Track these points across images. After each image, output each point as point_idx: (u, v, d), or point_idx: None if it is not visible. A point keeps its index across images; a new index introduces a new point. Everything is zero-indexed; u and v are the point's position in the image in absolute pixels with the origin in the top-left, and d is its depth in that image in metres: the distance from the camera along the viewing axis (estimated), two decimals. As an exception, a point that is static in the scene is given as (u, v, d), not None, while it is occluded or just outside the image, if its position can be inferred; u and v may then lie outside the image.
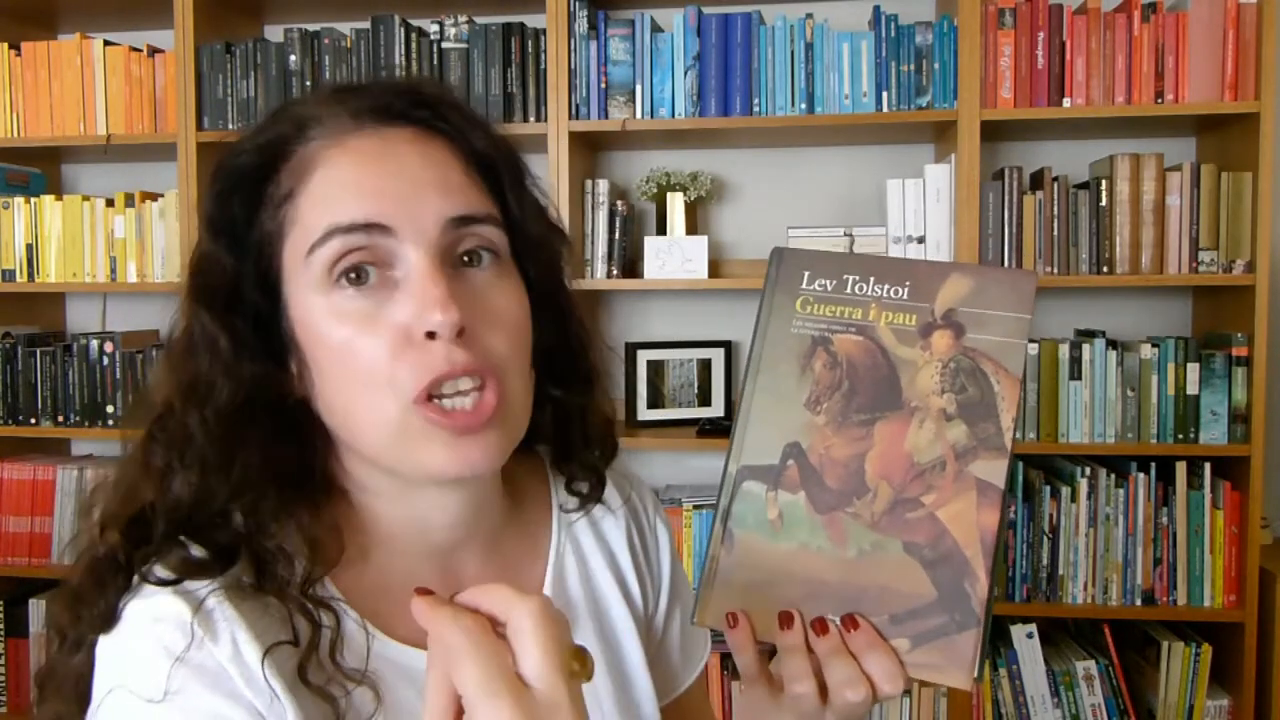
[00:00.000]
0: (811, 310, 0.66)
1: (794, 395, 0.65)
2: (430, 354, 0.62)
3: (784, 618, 0.62)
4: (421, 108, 0.68)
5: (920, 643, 0.61)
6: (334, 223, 0.63)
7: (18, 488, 2.64)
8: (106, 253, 2.58)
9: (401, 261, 0.63)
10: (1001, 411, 0.62)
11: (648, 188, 2.47)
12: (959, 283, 0.64)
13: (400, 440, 0.64)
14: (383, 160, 0.65)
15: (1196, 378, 2.22)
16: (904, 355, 0.64)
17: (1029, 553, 2.30)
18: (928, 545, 0.62)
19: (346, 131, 0.66)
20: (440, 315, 0.61)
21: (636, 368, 2.51)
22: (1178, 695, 2.25)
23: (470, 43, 2.40)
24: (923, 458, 0.63)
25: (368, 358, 0.62)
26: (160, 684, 0.60)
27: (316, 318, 0.64)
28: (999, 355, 0.63)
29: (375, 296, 0.63)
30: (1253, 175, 2.17)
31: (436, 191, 0.64)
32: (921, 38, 2.27)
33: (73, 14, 2.70)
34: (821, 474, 0.63)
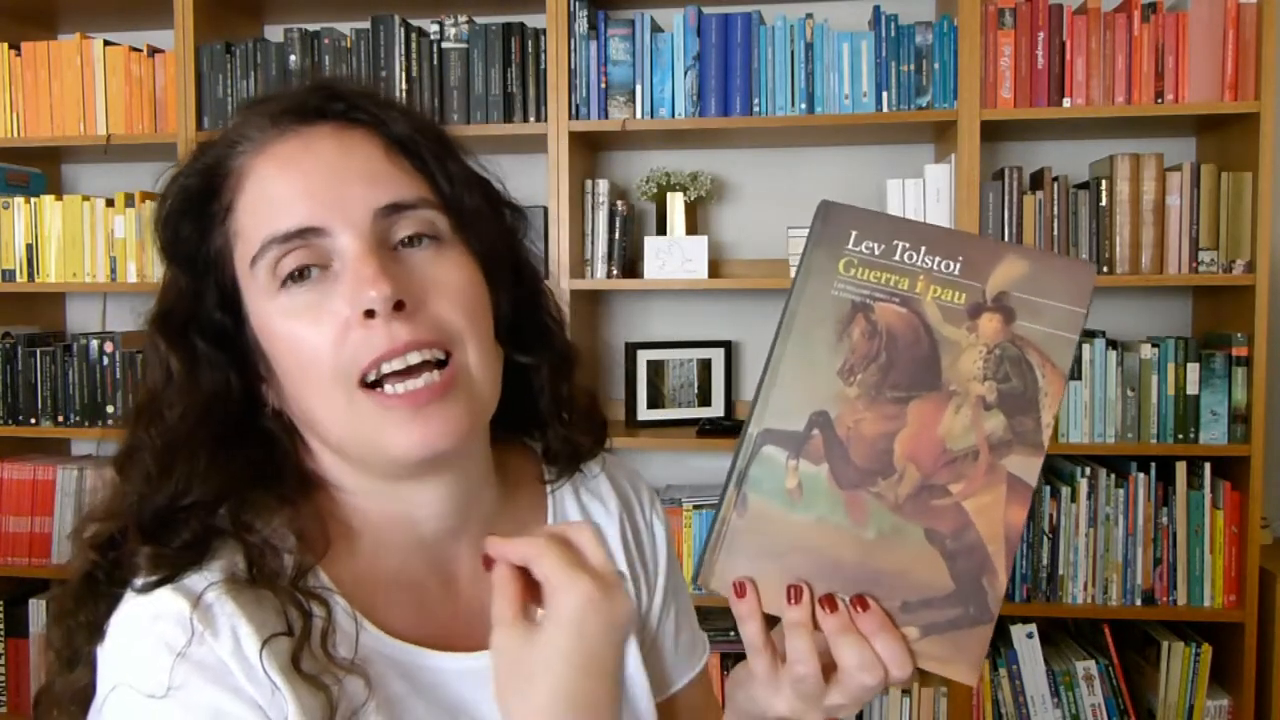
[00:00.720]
0: (855, 273, 0.62)
1: (827, 361, 0.61)
2: (372, 332, 0.63)
3: (792, 591, 0.60)
4: (336, 101, 0.69)
5: (930, 633, 0.59)
6: (269, 234, 0.65)
7: (18, 488, 2.63)
8: (106, 253, 2.58)
9: (337, 254, 0.65)
10: (1043, 408, 0.60)
11: (648, 188, 2.47)
12: (1015, 265, 0.61)
13: (358, 427, 0.65)
14: (304, 160, 0.66)
15: (1196, 378, 2.22)
16: (948, 334, 0.61)
17: (1029, 553, 2.29)
18: (950, 535, 0.59)
19: (269, 138, 0.68)
20: (372, 290, 0.62)
21: (636, 368, 2.51)
22: (1178, 695, 2.25)
23: (470, 43, 2.40)
24: (956, 444, 0.60)
25: (312, 346, 0.64)
26: (162, 680, 0.60)
27: (269, 320, 0.66)
28: (1047, 348, 0.60)
29: (318, 290, 0.65)
30: (1253, 175, 2.17)
31: (361, 182, 0.66)
32: (921, 38, 2.27)
33: (73, 14, 2.70)
34: (848, 448, 0.61)
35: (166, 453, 0.66)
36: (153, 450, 0.67)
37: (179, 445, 0.66)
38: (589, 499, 0.84)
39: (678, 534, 2.37)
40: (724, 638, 2.14)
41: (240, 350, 0.69)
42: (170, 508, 0.65)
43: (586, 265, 2.43)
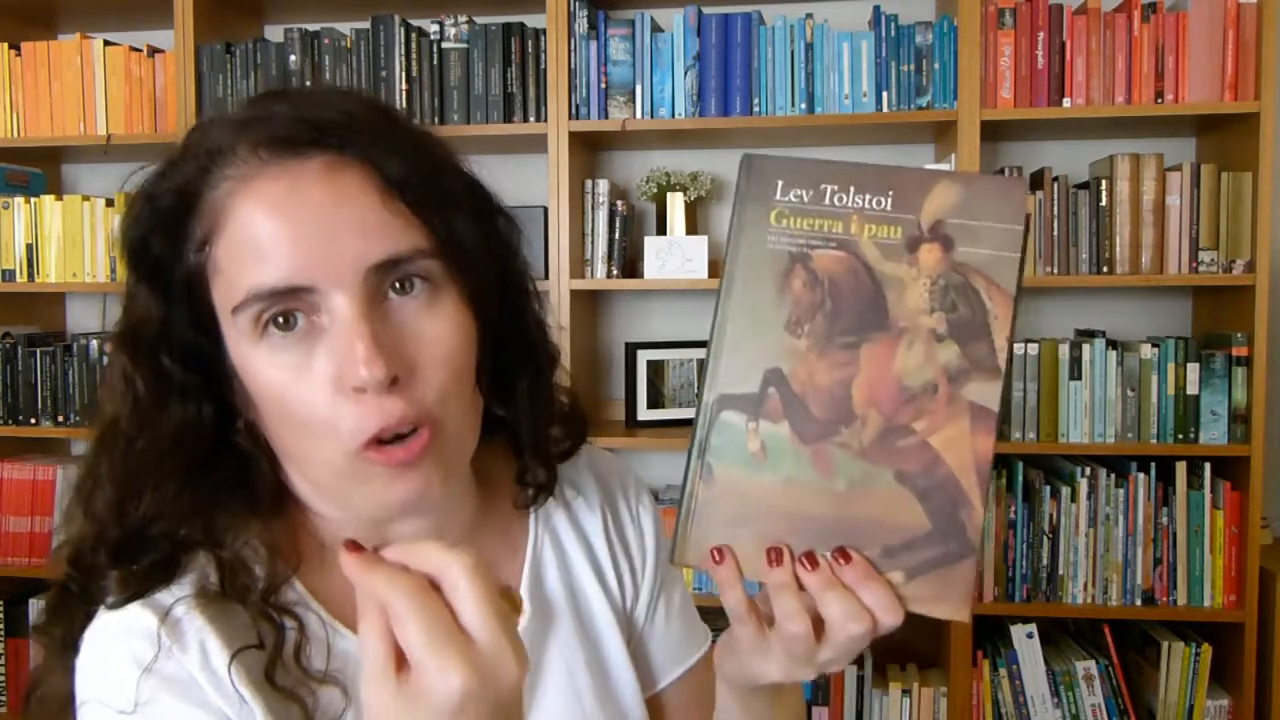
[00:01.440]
0: (787, 224, 0.61)
1: (772, 317, 0.60)
2: (364, 406, 0.60)
3: (772, 553, 0.59)
4: (327, 135, 0.62)
5: (915, 574, 0.58)
6: (254, 288, 0.60)
7: (18, 488, 2.63)
8: (106, 253, 2.58)
9: (326, 309, 0.61)
10: (995, 331, 0.59)
11: (648, 188, 2.47)
12: (946, 191, 0.60)
13: (343, 481, 0.64)
14: (291, 207, 0.60)
15: (1196, 378, 2.22)
16: (889, 272, 0.59)
17: (1029, 553, 2.29)
18: (921, 474, 0.58)
19: (252, 171, 0.62)
20: (365, 371, 0.59)
21: (636, 368, 2.51)
22: (1178, 695, 2.25)
23: (470, 43, 2.40)
24: (913, 381, 0.59)
25: (303, 407, 0.61)
26: (130, 695, 0.60)
27: (250, 363, 0.63)
28: (991, 270, 0.59)
29: (304, 343, 0.61)
30: (1253, 175, 2.17)
31: (354, 235, 0.61)
32: (921, 38, 2.27)
33: (73, 14, 2.70)
34: (806, 402, 0.59)
35: (132, 482, 0.64)
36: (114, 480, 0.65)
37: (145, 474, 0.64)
38: (573, 496, 0.83)
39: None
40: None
41: (213, 370, 0.66)
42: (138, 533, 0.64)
43: (586, 265, 2.43)
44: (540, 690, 0.75)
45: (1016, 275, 0.59)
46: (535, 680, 0.75)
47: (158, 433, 0.64)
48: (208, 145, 0.64)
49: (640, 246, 2.43)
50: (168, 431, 0.64)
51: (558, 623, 0.78)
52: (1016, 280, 0.59)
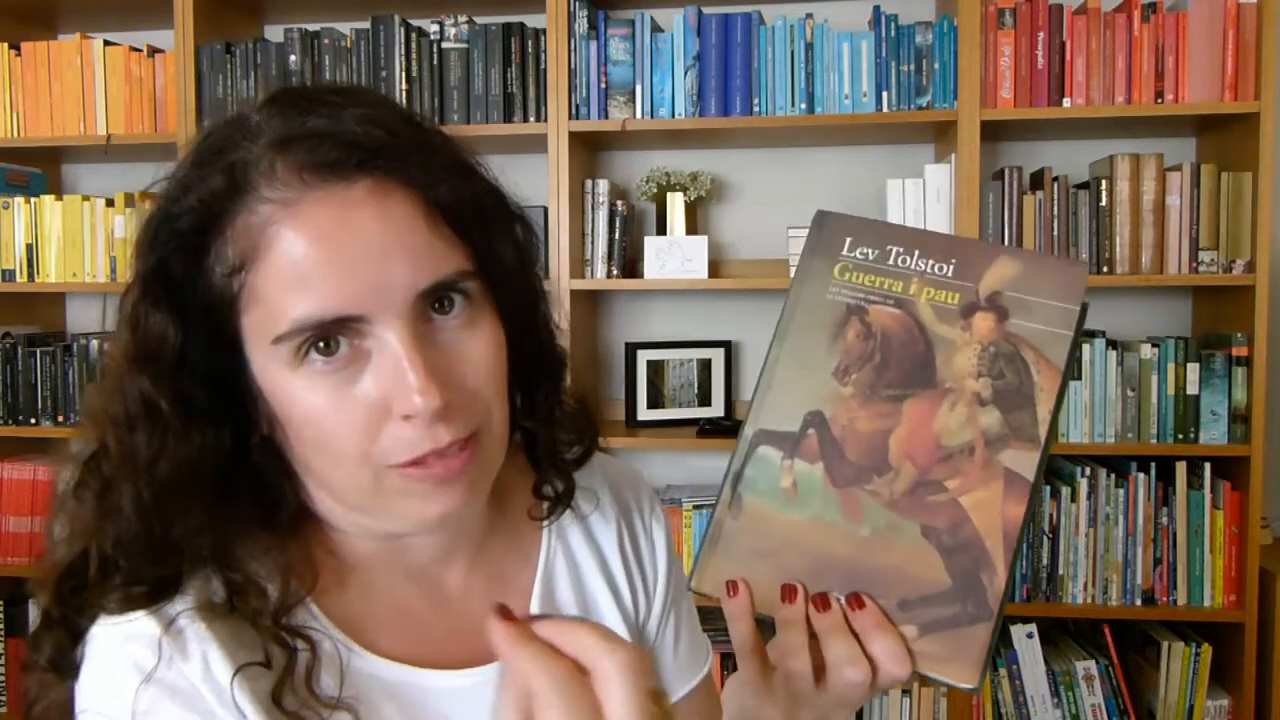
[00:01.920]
0: (850, 278, 0.63)
1: (822, 363, 0.62)
2: (412, 432, 0.60)
3: (787, 590, 0.58)
4: (376, 158, 0.60)
5: (928, 631, 0.58)
6: (300, 319, 0.58)
7: (18, 488, 2.64)
8: (106, 253, 2.58)
9: (373, 336, 0.60)
10: (1039, 402, 0.59)
11: (648, 188, 2.47)
12: (1007, 266, 0.62)
13: (376, 497, 0.63)
14: (342, 234, 0.58)
15: (1196, 378, 2.22)
16: (942, 334, 0.61)
17: (1029, 553, 2.29)
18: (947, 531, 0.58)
19: (295, 196, 0.59)
20: (420, 400, 0.58)
21: (636, 368, 2.51)
22: (1178, 695, 2.25)
23: (470, 43, 2.40)
24: (951, 441, 0.59)
25: (343, 433, 0.60)
26: (128, 704, 0.60)
27: (286, 390, 0.61)
28: (1041, 344, 0.60)
29: (348, 369, 0.60)
30: (1253, 175, 2.17)
31: (404, 262, 0.59)
32: (921, 38, 2.27)
33: (73, 14, 2.70)
34: (843, 446, 0.60)
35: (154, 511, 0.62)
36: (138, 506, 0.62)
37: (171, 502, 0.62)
38: (587, 507, 0.82)
39: (677, 534, 2.37)
40: (725, 639, 2.14)
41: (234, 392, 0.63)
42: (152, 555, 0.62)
43: (586, 265, 2.43)
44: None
45: (1067, 353, 0.60)
46: None
47: (182, 458, 0.62)
48: (236, 159, 0.60)
49: (640, 246, 2.43)
50: (192, 456, 0.62)
51: None
52: (1067, 358, 0.60)
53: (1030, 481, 0.59)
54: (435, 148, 0.65)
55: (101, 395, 0.65)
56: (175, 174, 0.63)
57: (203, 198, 0.60)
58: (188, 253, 0.61)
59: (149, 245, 0.62)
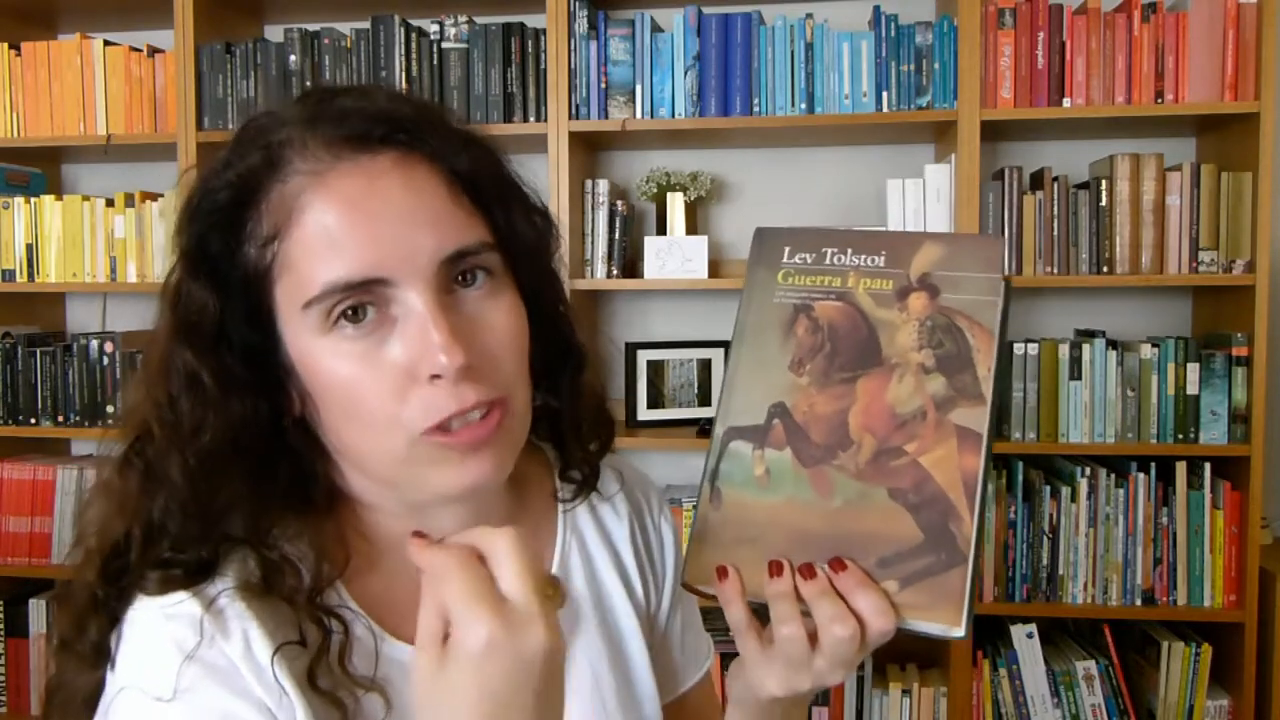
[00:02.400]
0: (793, 281, 0.69)
1: (778, 359, 0.67)
2: (438, 392, 0.62)
3: (773, 566, 0.62)
4: (400, 131, 0.65)
5: (909, 583, 0.62)
6: (330, 281, 0.61)
7: (18, 488, 2.64)
8: (106, 253, 2.58)
9: (399, 302, 0.62)
10: (978, 363, 0.65)
11: (648, 188, 2.47)
12: (931, 249, 0.68)
13: (408, 467, 0.64)
14: (369, 201, 0.62)
15: (1196, 378, 2.22)
16: (882, 317, 0.67)
17: (1029, 553, 2.29)
18: (912, 490, 0.63)
19: (326, 167, 0.63)
20: (445, 359, 0.61)
21: (636, 368, 2.51)
22: (1178, 695, 2.25)
23: (470, 43, 2.40)
24: (904, 409, 0.64)
25: (372, 398, 0.62)
26: (170, 682, 0.60)
27: (316, 357, 0.63)
28: (972, 312, 0.66)
29: (375, 335, 0.63)
30: (1253, 175, 2.17)
31: (428, 229, 0.63)
32: (921, 38, 2.27)
33: (73, 14, 2.70)
34: (807, 430, 0.65)
35: (200, 479, 0.64)
36: (185, 474, 0.64)
37: (212, 473, 0.64)
38: (599, 501, 0.84)
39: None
40: (725, 638, 2.14)
41: (268, 367, 0.66)
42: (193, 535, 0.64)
43: (586, 265, 2.43)
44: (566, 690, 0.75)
45: (997, 316, 0.65)
46: None
47: (224, 427, 0.64)
48: (272, 139, 0.64)
49: (640, 246, 2.43)
50: (233, 426, 0.64)
51: (583, 624, 0.79)
52: (997, 320, 0.65)
53: (981, 434, 0.63)
54: (454, 125, 0.69)
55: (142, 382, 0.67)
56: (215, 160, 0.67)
57: (240, 173, 0.64)
58: (225, 227, 0.64)
59: (189, 221, 0.66)
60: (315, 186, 0.63)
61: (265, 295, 0.65)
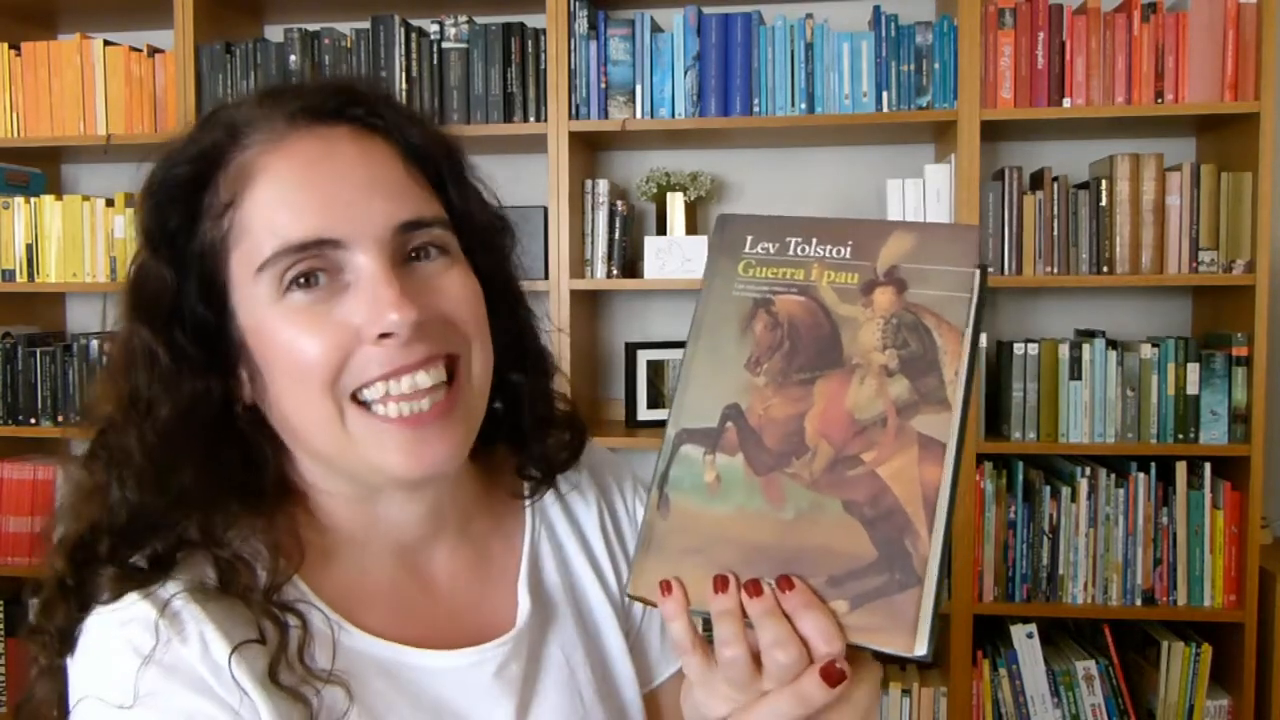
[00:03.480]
0: (754, 273, 0.65)
1: (734, 357, 0.63)
2: (387, 350, 0.62)
3: (718, 581, 0.59)
4: (356, 105, 0.67)
5: (859, 604, 0.57)
6: (283, 242, 0.62)
7: (18, 488, 2.64)
8: (106, 253, 2.58)
9: (351, 267, 0.63)
10: (944, 365, 0.60)
11: (648, 188, 2.47)
12: (901, 240, 0.63)
13: (349, 444, 0.64)
14: (324, 164, 0.63)
15: (1196, 378, 2.22)
16: (846, 313, 0.62)
17: (1029, 553, 2.29)
18: (868, 503, 0.59)
19: (283, 135, 0.64)
20: (396, 315, 0.61)
21: (636, 368, 2.51)
22: (1178, 695, 2.25)
23: (470, 43, 2.40)
24: (863, 414, 0.60)
25: (311, 355, 0.62)
26: (129, 688, 0.60)
27: (266, 322, 0.64)
28: (941, 309, 0.61)
29: (326, 301, 0.63)
30: (1253, 175, 2.17)
31: (382, 195, 0.64)
32: (921, 38, 2.27)
33: (73, 14, 2.70)
34: (761, 435, 0.61)
35: (159, 453, 0.64)
36: (144, 449, 0.64)
37: (170, 446, 0.64)
38: (567, 490, 0.83)
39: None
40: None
41: (220, 347, 0.66)
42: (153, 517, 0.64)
43: (586, 265, 2.43)
44: (542, 684, 0.75)
45: (967, 314, 0.61)
46: (536, 674, 0.75)
47: (179, 404, 0.64)
48: (232, 117, 0.66)
49: (640, 246, 2.43)
50: (187, 403, 0.64)
51: (557, 616, 0.78)
52: (968, 318, 0.61)
53: (944, 443, 0.59)
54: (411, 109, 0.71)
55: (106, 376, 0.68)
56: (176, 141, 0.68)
57: (201, 149, 0.65)
58: (184, 201, 0.65)
59: (149, 198, 0.66)
60: (272, 151, 0.64)
61: (220, 268, 0.65)
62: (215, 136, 0.65)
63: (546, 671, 0.76)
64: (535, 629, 0.76)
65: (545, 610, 0.78)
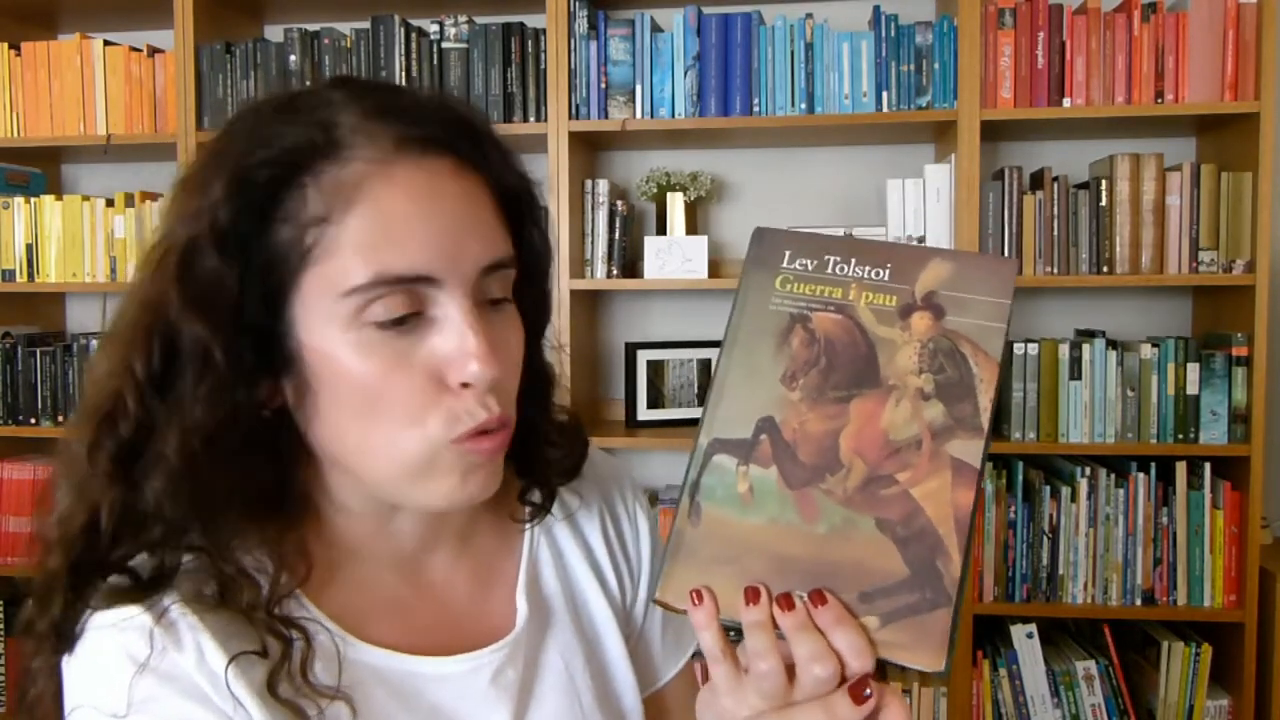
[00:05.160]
0: (791, 288, 0.65)
1: (770, 370, 0.64)
2: (465, 402, 0.63)
3: (750, 592, 0.59)
4: (463, 139, 0.66)
5: (890, 620, 0.58)
6: (383, 273, 0.60)
7: (18, 488, 2.64)
8: (106, 253, 2.58)
9: (438, 305, 0.63)
10: (980, 393, 0.61)
11: (648, 188, 2.47)
12: (940, 267, 0.64)
13: (417, 473, 0.64)
14: (432, 201, 0.62)
15: (1196, 378, 2.22)
16: (883, 335, 0.63)
17: (1029, 553, 2.29)
18: (900, 523, 0.60)
19: (389, 161, 0.62)
20: (479, 368, 0.61)
21: (636, 368, 2.51)
22: (1178, 695, 2.25)
23: (470, 43, 2.40)
24: (898, 435, 0.61)
25: (399, 397, 0.62)
26: (123, 696, 0.59)
27: (337, 347, 0.62)
28: (978, 338, 0.62)
29: (410, 335, 0.62)
30: (1253, 175, 2.17)
31: (476, 237, 0.64)
32: (921, 38, 2.27)
33: (73, 14, 2.70)
34: (795, 449, 0.62)
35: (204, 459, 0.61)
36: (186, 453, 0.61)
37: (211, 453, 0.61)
38: (568, 494, 0.83)
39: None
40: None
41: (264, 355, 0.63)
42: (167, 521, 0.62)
43: (586, 265, 2.43)
44: (539, 690, 0.75)
45: (1002, 343, 0.62)
46: (534, 680, 0.75)
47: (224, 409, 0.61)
48: (331, 118, 0.63)
49: (640, 246, 2.43)
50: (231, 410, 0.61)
51: (556, 622, 0.78)
52: (1002, 349, 0.62)
53: (976, 468, 0.60)
54: (502, 142, 0.71)
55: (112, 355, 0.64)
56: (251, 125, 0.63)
57: (289, 148, 0.61)
58: (263, 201, 0.61)
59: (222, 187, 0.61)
60: (380, 176, 0.61)
61: (289, 278, 0.62)
62: (309, 137, 0.62)
63: (544, 677, 0.76)
64: (533, 635, 0.76)
65: (543, 616, 0.77)
